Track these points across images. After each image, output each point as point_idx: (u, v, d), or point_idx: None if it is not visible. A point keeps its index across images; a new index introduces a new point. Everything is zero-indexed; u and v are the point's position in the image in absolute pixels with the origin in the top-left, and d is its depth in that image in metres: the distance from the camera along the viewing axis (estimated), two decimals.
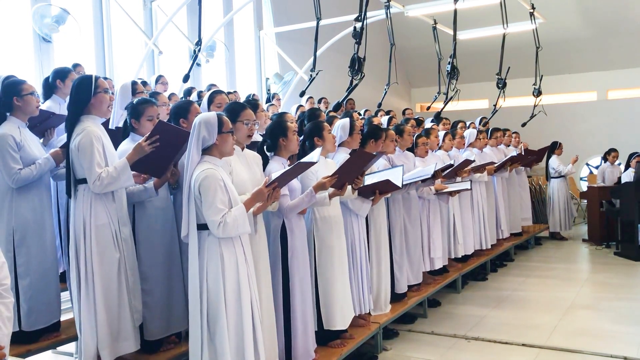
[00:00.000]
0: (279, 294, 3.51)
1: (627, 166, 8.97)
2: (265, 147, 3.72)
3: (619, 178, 9.12)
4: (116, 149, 3.48)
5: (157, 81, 7.00)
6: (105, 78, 5.64)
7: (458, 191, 5.85)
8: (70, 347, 4.25)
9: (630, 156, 9.05)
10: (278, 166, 3.53)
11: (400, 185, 4.18)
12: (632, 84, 12.61)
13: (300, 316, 3.54)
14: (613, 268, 7.40)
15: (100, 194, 3.23)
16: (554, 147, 9.71)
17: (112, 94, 3.69)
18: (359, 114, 7.09)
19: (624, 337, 4.77)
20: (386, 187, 4.21)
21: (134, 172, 3.31)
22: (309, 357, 3.59)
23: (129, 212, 3.46)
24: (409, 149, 5.49)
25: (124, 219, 3.37)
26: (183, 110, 3.72)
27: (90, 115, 3.31)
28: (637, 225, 7.72)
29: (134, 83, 4.20)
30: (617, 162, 9.74)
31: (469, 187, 5.74)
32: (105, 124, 3.62)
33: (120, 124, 3.85)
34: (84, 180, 3.22)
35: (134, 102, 3.65)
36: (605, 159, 9.83)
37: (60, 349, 4.30)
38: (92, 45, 7.71)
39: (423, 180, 5.08)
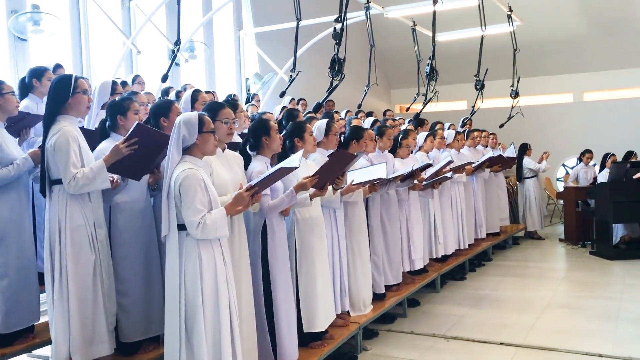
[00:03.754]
0: (260, 295, 3.49)
1: (603, 167, 9.11)
2: (247, 146, 3.71)
3: (594, 179, 9.26)
4: (92, 151, 3.43)
5: (133, 81, 6.92)
6: (83, 78, 5.57)
7: (440, 182, 5.88)
8: (45, 350, 4.18)
9: (605, 157, 9.21)
10: (261, 165, 3.53)
11: (385, 176, 4.22)
12: (607, 85, 12.85)
13: (285, 317, 3.54)
14: (589, 267, 7.51)
15: (76, 194, 3.17)
16: (525, 149, 9.84)
17: (90, 94, 3.65)
18: (337, 112, 7.10)
19: (600, 334, 4.84)
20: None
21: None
22: (294, 357, 3.58)
23: (105, 213, 3.41)
24: (389, 151, 5.51)
25: (100, 221, 3.31)
26: (164, 109, 3.69)
27: (67, 115, 3.26)
28: (612, 225, 7.86)
29: (114, 83, 4.16)
30: (591, 163, 9.91)
31: (450, 176, 5.81)
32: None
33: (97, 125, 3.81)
34: (59, 181, 3.17)
35: (117, 100, 3.63)
36: (580, 159, 10.00)
37: (35, 352, 4.23)
38: (69, 44, 7.60)
39: (402, 180, 5.12)
